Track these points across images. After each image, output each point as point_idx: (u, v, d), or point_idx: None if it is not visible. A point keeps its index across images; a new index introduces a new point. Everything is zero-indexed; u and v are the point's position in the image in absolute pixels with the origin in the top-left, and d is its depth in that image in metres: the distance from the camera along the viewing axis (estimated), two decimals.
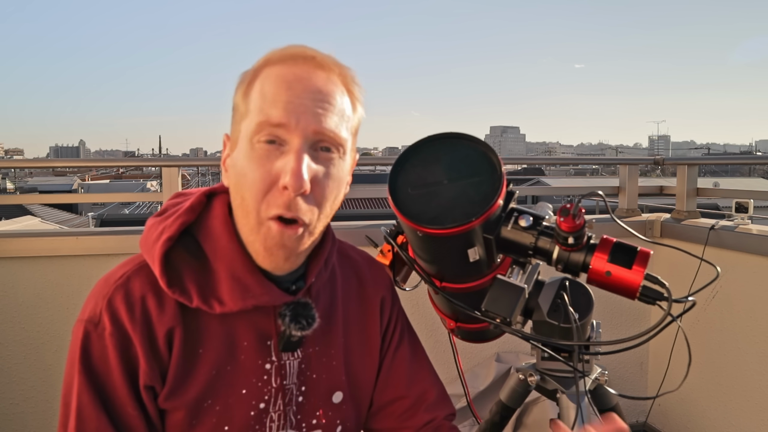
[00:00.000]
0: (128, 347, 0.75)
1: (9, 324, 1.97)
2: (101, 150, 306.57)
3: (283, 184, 0.72)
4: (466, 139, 0.99)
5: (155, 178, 22.28)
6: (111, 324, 0.75)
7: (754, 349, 2.15)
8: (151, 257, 0.78)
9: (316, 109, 0.74)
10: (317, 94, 0.75)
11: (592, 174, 31.70)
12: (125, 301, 0.76)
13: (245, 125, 0.76)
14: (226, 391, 0.80)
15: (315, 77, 0.76)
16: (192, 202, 0.82)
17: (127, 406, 0.75)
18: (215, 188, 0.86)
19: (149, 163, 7.14)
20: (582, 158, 50.43)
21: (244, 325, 0.81)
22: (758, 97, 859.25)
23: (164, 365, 0.77)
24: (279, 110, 0.73)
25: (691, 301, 0.96)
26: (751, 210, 2.24)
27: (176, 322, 0.77)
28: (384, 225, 1.71)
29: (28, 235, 2.03)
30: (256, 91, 0.76)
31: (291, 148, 0.73)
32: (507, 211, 0.97)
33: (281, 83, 0.74)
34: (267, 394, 0.82)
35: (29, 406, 2.00)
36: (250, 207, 0.75)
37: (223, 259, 0.79)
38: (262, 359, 0.82)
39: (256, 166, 0.73)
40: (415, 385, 0.97)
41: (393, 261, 1.11)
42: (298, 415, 0.85)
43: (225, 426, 0.80)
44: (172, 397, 0.77)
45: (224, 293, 0.78)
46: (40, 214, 12.41)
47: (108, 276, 0.80)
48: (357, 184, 1.26)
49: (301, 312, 0.81)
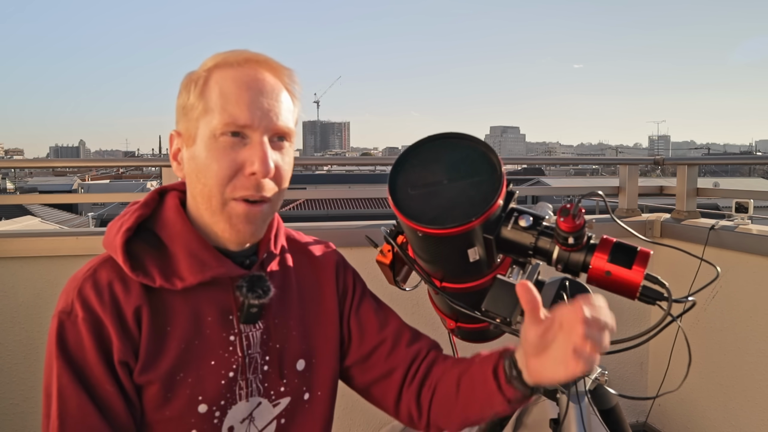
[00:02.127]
0: (100, 329, 0.83)
1: (9, 324, 1.97)
2: (101, 150, 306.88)
3: (250, 171, 0.84)
4: (466, 139, 0.99)
5: (155, 178, 22.29)
6: (83, 310, 0.83)
7: (754, 349, 2.15)
8: (113, 248, 0.86)
9: (272, 108, 0.86)
10: (271, 94, 0.86)
11: (592, 174, 31.69)
12: (94, 288, 0.84)
13: (206, 122, 0.85)
14: (196, 363, 0.87)
15: (265, 79, 0.87)
16: (146, 199, 0.93)
17: (105, 383, 0.82)
18: (165, 186, 0.96)
19: (149, 163, 7.16)
20: (582, 158, 50.45)
21: (207, 301, 0.89)
22: (758, 97, 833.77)
23: (135, 342, 0.84)
24: (243, 111, 0.83)
25: (691, 301, 0.96)
26: (751, 210, 2.24)
27: (142, 302, 0.85)
28: (384, 225, 1.71)
29: (28, 235, 2.03)
30: (213, 91, 0.85)
31: (255, 142, 0.85)
32: (507, 211, 0.97)
33: (240, 85, 0.85)
34: (234, 363, 0.90)
35: (29, 406, 1.99)
36: (213, 191, 0.85)
37: (179, 241, 0.88)
38: (226, 332, 0.90)
39: (221, 156, 0.84)
40: (388, 327, 1.04)
41: (393, 261, 1.10)
42: (264, 383, 0.93)
43: (199, 396, 0.87)
44: (146, 371, 0.84)
45: (183, 270, 0.86)
46: (40, 214, 12.41)
47: (76, 273, 0.88)
48: (357, 184, 1.26)
49: (257, 283, 0.90)
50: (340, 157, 56.23)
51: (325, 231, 2.19)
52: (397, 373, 1.01)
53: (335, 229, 2.21)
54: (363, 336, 1.03)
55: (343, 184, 19.49)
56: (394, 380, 1.01)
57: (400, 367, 1.01)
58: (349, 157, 49.69)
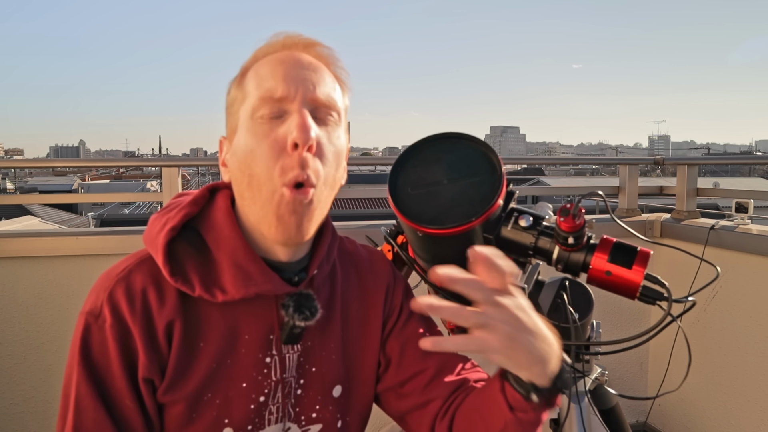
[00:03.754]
0: (128, 339, 0.76)
1: (9, 324, 1.97)
2: (101, 150, 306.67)
3: (291, 142, 0.74)
4: (466, 139, 0.99)
5: (155, 178, 22.29)
6: (111, 316, 0.76)
7: (754, 349, 2.15)
8: (155, 247, 0.79)
9: (310, 78, 0.78)
10: (309, 65, 0.79)
11: (592, 174, 31.69)
12: (126, 293, 0.77)
13: (245, 108, 0.79)
14: (226, 384, 0.80)
15: (302, 57, 0.80)
16: (195, 196, 0.84)
17: (125, 398, 0.76)
18: (217, 184, 0.87)
19: (149, 163, 7.15)
20: (582, 158, 50.42)
21: (246, 317, 0.81)
22: (758, 97, 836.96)
23: (164, 358, 0.78)
24: (278, 83, 0.76)
25: (691, 301, 0.96)
26: (751, 210, 2.23)
27: (177, 315, 0.77)
28: (384, 225, 1.71)
29: (28, 235, 2.03)
30: (250, 77, 0.80)
31: (293, 111, 0.76)
32: (507, 211, 0.97)
33: (275, 62, 0.79)
34: (267, 387, 0.82)
35: (29, 406, 1.99)
36: (262, 179, 0.75)
37: (225, 248, 0.80)
38: (262, 353, 0.82)
39: (262, 138, 0.76)
40: (434, 356, 0.91)
41: (393, 261, 1.11)
42: (296, 408, 0.86)
43: (225, 419, 0.80)
44: (172, 390, 0.78)
45: (227, 281, 0.78)
46: (40, 214, 12.41)
47: (110, 270, 0.81)
48: (357, 184, 1.26)
49: (304, 303, 0.81)
50: None
51: None
52: (432, 405, 0.90)
53: None
54: (401, 362, 0.93)
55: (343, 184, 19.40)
56: (429, 412, 0.91)
57: (438, 399, 0.90)
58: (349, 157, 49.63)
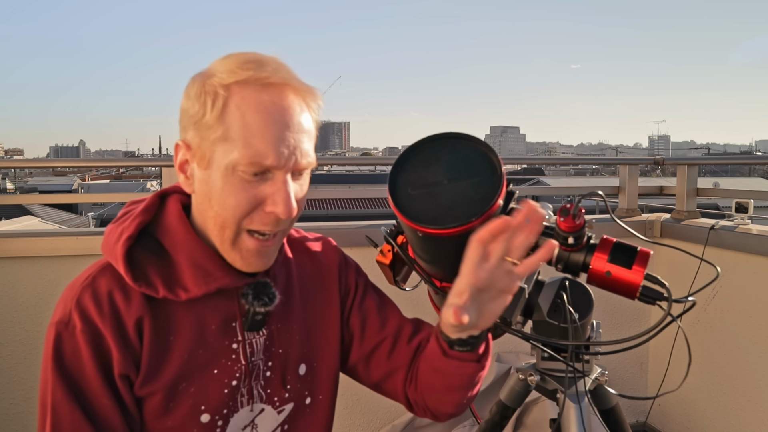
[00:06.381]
0: (100, 341, 0.80)
1: (9, 324, 1.97)
2: (101, 150, 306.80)
3: (271, 210, 0.80)
4: (466, 139, 0.99)
5: (155, 178, 22.28)
6: (81, 321, 0.80)
7: (754, 349, 2.15)
8: (114, 257, 0.83)
9: (298, 145, 0.81)
10: (297, 126, 0.81)
11: (592, 174, 31.67)
12: (93, 298, 0.81)
13: (225, 150, 0.78)
14: (199, 373, 0.85)
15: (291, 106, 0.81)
16: (146, 204, 0.89)
17: (102, 397, 0.79)
18: (167, 189, 0.93)
19: (149, 163, 7.18)
20: (582, 158, 50.44)
21: (210, 310, 0.87)
22: (758, 97, 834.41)
23: (137, 353, 0.82)
24: (269, 150, 0.78)
25: (691, 301, 0.96)
26: (751, 210, 2.24)
27: (144, 312, 0.82)
28: (384, 225, 1.71)
29: (28, 235, 2.04)
30: (234, 118, 0.78)
31: (278, 180, 0.80)
32: (507, 211, 0.97)
33: (266, 116, 0.78)
34: (237, 371, 0.88)
35: (29, 406, 2.00)
36: (228, 223, 0.81)
37: (182, 250, 0.85)
38: (228, 340, 0.88)
39: (240, 190, 0.79)
40: (388, 325, 1.02)
41: (393, 261, 1.10)
42: (267, 389, 0.92)
43: (201, 405, 0.85)
44: (148, 382, 0.82)
45: (188, 280, 0.84)
46: (40, 214, 12.41)
47: (74, 281, 0.85)
48: (357, 184, 1.26)
49: (262, 290, 0.87)
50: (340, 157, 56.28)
51: (325, 231, 2.17)
52: (399, 373, 1.00)
53: (335, 229, 2.21)
54: (363, 335, 1.02)
55: (343, 184, 19.46)
56: (398, 380, 1.00)
57: (402, 367, 1.00)
58: (349, 157, 49.72)
